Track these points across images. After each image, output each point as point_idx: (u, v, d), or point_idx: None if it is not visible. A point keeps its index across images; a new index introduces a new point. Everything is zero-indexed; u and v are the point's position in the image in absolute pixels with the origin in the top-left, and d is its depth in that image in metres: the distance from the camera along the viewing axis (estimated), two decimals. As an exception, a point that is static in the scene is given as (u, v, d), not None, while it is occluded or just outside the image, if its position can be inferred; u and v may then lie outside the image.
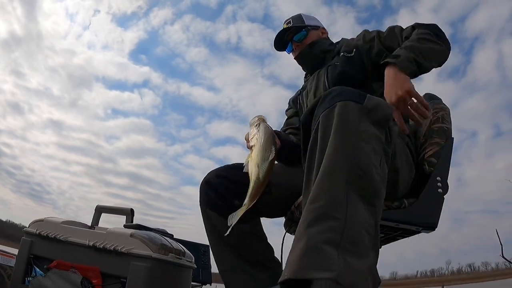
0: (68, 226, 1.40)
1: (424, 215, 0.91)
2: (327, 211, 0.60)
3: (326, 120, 0.68)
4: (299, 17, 1.39)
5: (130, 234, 1.27)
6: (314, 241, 0.57)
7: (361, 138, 0.66)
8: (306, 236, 0.58)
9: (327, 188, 0.62)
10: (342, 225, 0.59)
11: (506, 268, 4.89)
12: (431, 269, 56.32)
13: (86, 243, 1.31)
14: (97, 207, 1.53)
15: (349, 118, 0.67)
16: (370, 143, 0.67)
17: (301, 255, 0.57)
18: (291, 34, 1.36)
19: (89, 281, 1.25)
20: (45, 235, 1.39)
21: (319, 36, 1.38)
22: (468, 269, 51.19)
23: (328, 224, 0.58)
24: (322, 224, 0.58)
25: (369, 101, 0.70)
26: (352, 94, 0.71)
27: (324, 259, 0.56)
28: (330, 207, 0.60)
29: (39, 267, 1.35)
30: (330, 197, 0.61)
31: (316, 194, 0.62)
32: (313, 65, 1.35)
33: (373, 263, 0.61)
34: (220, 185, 1.09)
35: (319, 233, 0.58)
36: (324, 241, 0.57)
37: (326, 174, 0.63)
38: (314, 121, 0.72)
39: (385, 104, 0.74)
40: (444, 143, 1.01)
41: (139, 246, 1.25)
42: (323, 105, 0.71)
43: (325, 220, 0.59)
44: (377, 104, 0.71)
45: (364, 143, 0.66)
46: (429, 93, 1.24)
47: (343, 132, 0.66)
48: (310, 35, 1.35)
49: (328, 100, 0.70)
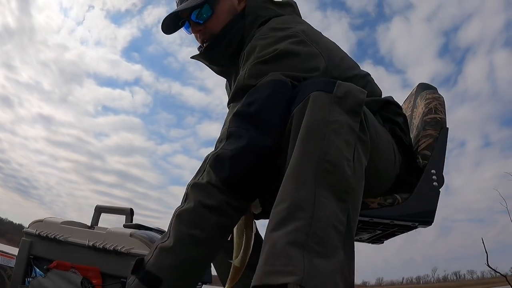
0: (68, 226, 1.40)
1: (420, 210, 0.90)
2: (291, 212, 0.56)
3: (300, 115, 0.63)
4: None
5: (129, 234, 1.28)
6: (277, 244, 0.54)
7: (331, 130, 0.61)
8: (270, 240, 0.55)
9: (293, 188, 0.58)
10: (308, 225, 0.55)
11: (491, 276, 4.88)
12: (417, 276, 56.36)
13: (86, 243, 1.31)
14: (97, 207, 1.53)
15: (318, 110, 0.62)
16: (341, 134, 0.62)
17: (265, 260, 0.55)
18: (186, 12, 0.93)
19: (89, 281, 1.26)
20: (44, 236, 1.39)
21: (233, 7, 0.94)
22: (454, 277, 51.36)
23: (293, 225, 0.55)
24: (287, 226, 0.55)
25: (339, 88, 0.65)
26: (322, 82, 0.66)
27: (287, 263, 0.53)
28: (295, 208, 0.57)
29: (39, 268, 1.36)
30: (295, 197, 0.57)
31: (281, 197, 0.59)
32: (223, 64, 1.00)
33: (344, 262, 0.57)
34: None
35: (283, 236, 0.55)
36: (287, 243, 0.54)
37: (292, 173, 0.59)
38: (289, 119, 0.66)
39: (356, 89, 0.68)
40: (437, 134, 0.99)
41: (139, 246, 1.25)
42: (297, 100, 0.66)
43: (289, 221, 0.56)
44: (347, 91, 0.66)
45: (334, 135, 0.61)
46: (423, 83, 1.22)
47: (312, 126, 0.62)
48: (218, 9, 0.92)
49: (301, 93, 0.66)
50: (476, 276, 46.65)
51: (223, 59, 0.96)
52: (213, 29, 0.93)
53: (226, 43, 0.92)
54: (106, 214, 1.53)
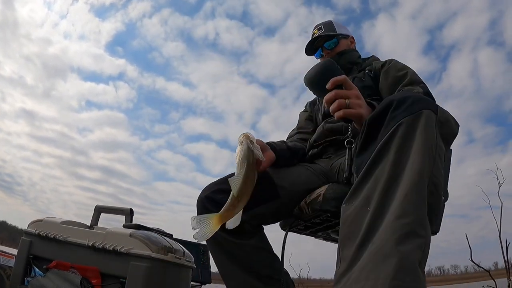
0: (67, 226, 1.40)
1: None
2: (416, 228, 0.57)
3: (410, 127, 0.63)
4: (330, 24, 1.42)
5: (129, 234, 1.27)
6: (407, 261, 0.55)
7: (436, 153, 0.64)
8: (398, 255, 0.55)
9: (416, 204, 0.59)
10: (424, 244, 0.58)
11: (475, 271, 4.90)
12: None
13: (86, 243, 1.31)
14: (97, 207, 1.52)
15: (433, 131, 0.64)
16: (441, 160, 0.65)
17: (394, 275, 0.54)
18: (322, 40, 1.40)
19: (88, 281, 1.25)
20: (44, 235, 1.39)
21: (348, 45, 1.42)
22: (438, 271, 51.68)
23: (418, 241, 0.57)
24: (412, 243, 0.56)
25: (442, 113, 0.67)
26: (432, 103, 0.67)
27: (416, 280, 0.55)
28: (419, 225, 0.58)
29: (38, 267, 1.35)
30: (417, 214, 0.59)
31: (403, 208, 0.58)
32: None
33: None
34: (223, 200, 0.96)
35: (411, 252, 0.56)
36: (415, 260, 0.56)
37: (415, 187, 0.60)
38: (389, 122, 0.66)
39: (453, 119, 0.71)
40: None
41: (138, 246, 1.25)
42: (405, 109, 0.65)
43: (414, 238, 0.57)
44: (448, 118, 0.69)
45: (438, 159, 0.64)
46: None
47: (427, 145, 0.63)
48: (341, 43, 1.40)
49: (410, 104, 0.66)
50: (459, 271, 47.26)
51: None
52: (335, 53, 1.39)
53: (341, 61, 1.35)
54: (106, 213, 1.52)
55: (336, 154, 1.16)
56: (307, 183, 1.08)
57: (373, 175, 0.64)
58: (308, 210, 1.03)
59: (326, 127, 1.21)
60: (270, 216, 1.07)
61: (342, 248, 0.65)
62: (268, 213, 1.04)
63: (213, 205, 0.97)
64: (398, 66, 1.20)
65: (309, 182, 1.09)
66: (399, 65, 1.21)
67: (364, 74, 1.28)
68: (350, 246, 0.63)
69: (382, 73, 1.22)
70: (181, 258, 1.33)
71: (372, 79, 1.25)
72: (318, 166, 1.16)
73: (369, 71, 1.28)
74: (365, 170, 0.66)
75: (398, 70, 1.19)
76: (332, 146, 1.19)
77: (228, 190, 0.97)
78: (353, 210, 0.65)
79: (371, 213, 0.61)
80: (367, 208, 0.62)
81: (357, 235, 0.62)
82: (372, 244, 0.58)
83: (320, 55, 1.42)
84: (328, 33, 1.39)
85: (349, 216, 0.66)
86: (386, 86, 1.18)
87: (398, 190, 0.60)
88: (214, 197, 0.99)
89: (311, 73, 0.85)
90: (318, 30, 1.41)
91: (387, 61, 1.26)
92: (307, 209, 1.03)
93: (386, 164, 0.63)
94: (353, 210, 0.65)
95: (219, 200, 0.96)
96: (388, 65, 1.23)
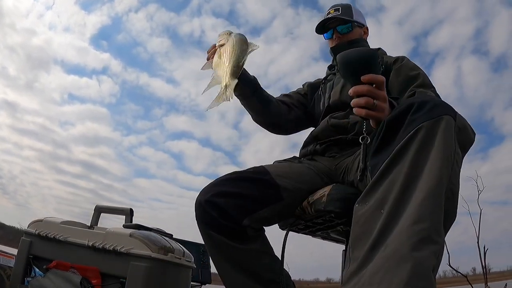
0: (67, 226, 1.40)
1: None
2: (431, 234, 0.58)
3: (430, 132, 0.63)
4: (348, 8, 1.35)
5: (129, 234, 1.27)
6: (422, 267, 0.56)
7: (455, 160, 0.64)
8: (413, 260, 0.55)
9: (432, 210, 0.59)
10: (439, 251, 0.59)
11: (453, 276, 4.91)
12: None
13: (86, 243, 1.31)
14: (96, 207, 1.53)
15: (452, 137, 0.64)
16: (459, 166, 0.66)
17: (407, 280, 0.55)
18: (335, 22, 1.33)
19: (88, 281, 1.25)
20: (44, 235, 1.39)
21: (361, 35, 1.37)
22: None
23: (433, 248, 0.57)
24: (427, 249, 0.57)
25: (460, 120, 0.67)
26: (451, 108, 0.67)
27: (428, 286, 0.55)
28: (435, 231, 0.58)
29: (38, 267, 1.36)
30: (434, 220, 0.59)
31: (419, 214, 0.58)
32: None
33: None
34: (225, 204, 0.96)
35: (426, 259, 0.56)
36: (429, 266, 0.56)
37: (432, 192, 0.59)
38: (408, 125, 0.66)
39: (470, 127, 0.71)
40: None
41: (138, 246, 1.25)
42: (425, 113, 0.65)
43: (429, 244, 0.57)
44: (465, 125, 0.68)
45: (456, 165, 0.65)
46: None
47: (446, 151, 0.63)
48: (354, 31, 1.33)
49: (430, 108, 0.65)
50: (437, 276, 47.29)
51: None
52: (346, 39, 1.33)
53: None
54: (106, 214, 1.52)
55: (341, 153, 1.13)
56: (311, 184, 1.06)
57: (389, 176, 0.64)
58: (311, 210, 1.01)
59: (331, 122, 1.18)
60: (272, 219, 1.06)
61: (353, 249, 0.65)
62: (271, 216, 1.02)
63: (215, 210, 0.94)
64: (410, 65, 1.19)
65: (313, 182, 1.07)
66: (411, 64, 1.20)
67: None
68: (361, 247, 0.62)
69: (394, 70, 1.19)
70: (181, 258, 1.33)
71: (382, 73, 1.23)
72: (320, 165, 1.14)
73: (381, 65, 1.25)
74: (381, 171, 0.65)
75: (410, 69, 1.17)
76: (336, 145, 1.16)
77: (230, 193, 0.97)
78: (366, 210, 0.65)
79: (385, 215, 0.61)
80: (380, 210, 0.62)
81: (369, 236, 0.62)
82: (386, 247, 0.58)
83: (330, 36, 1.35)
84: (344, 17, 1.32)
85: (361, 217, 0.65)
86: (397, 83, 1.16)
87: (415, 194, 0.60)
88: (216, 201, 0.95)
89: (353, 55, 0.80)
90: (334, 11, 1.34)
91: (400, 58, 1.23)
92: (310, 209, 1.02)
93: (403, 167, 0.63)
94: (367, 211, 0.65)
95: (223, 205, 0.94)
96: (400, 62, 1.20)
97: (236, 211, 0.95)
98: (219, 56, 1.02)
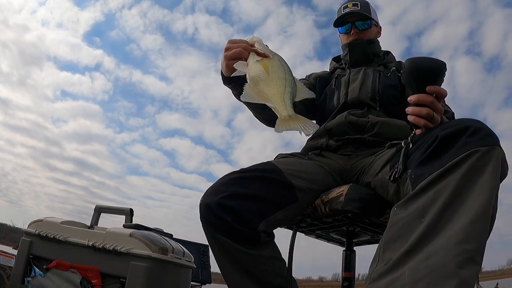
0: (67, 226, 1.40)
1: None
2: (475, 256, 0.60)
3: (484, 158, 0.65)
4: (367, 5, 1.31)
5: (129, 234, 1.27)
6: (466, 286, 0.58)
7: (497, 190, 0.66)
8: (459, 277, 0.58)
9: (480, 232, 0.61)
10: (477, 273, 0.61)
11: None
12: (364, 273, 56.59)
13: (86, 243, 1.31)
14: (96, 207, 1.53)
15: (499, 168, 0.66)
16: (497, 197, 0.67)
17: None
18: (355, 17, 1.29)
19: (88, 281, 1.26)
20: (44, 235, 1.39)
21: (376, 34, 1.34)
22: None
23: (474, 270, 0.59)
24: (471, 269, 0.59)
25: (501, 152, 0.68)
26: (498, 139, 0.69)
27: None
28: (479, 253, 0.60)
29: (38, 267, 1.36)
30: (480, 243, 0.61)
31: (468, 235, 0.60)
32: (359, 60, 1.31)
33: None
34: (240, 207, 0.88)
35: (470, 278, 0.59)
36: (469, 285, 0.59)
37: (480, 217, 0.62)
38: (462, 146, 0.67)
39: (505, 159, 0.72)
40: None
41: (138, 246, 1.25)
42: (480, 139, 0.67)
43: (473, 265, 0.59)
44: (505, 158, 0.69)
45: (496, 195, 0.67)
46: None
47: (496, 179, 0.65)
48: (372, 29, 1.31)
49: (485, 135, 0.68)
50: None
51: (359, 55, 1.32)
52: (365, 37, 1.31)
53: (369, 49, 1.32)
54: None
55: (357, 153, 1.09)
56: (322, 183, 1.02)
57: (434, 188, 0.65)
58: (325, 209, 0.98)
59: (349, 119, 1.13)
60: (285, 221, 1.01)
61: (384, 249, 0.66)
62: (285, 218, 0.97)
63: (229, 214, 0.86)
64: None
65: (325, 182, 1.03)
66: None
67: (390, 71, 1.24)
68: (395, 249, 0.64)
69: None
70: (181, 258, 1.33)
71: (398, 79, 1.21)
72: (332, 162, 1.09)
73: (396, 70, 1.24)
74: (428, 182, 0.67)
75: None
76: (352, 143, 1.11)
77: (245, 194, 0.90)
78: (406, 215, 0.66)
79: (426, 225, 0.63)
80: (421, 219, 0.64)
81: (405, 241, 0.63)
82: (429, 257, 0.60)
83: (347, 31, 1.31)
84: (364, 12, 1.28)
85: (400, 221, 0.67)
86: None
87: (461, 213, 0.62)
88: (230, 205, 0.87)
89: (426, 63, 0.80)
90: (353, 5, 1.29)
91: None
92: (324, 208, 0.98)
93: (451, 183, 0.64)
94: (406, 216, 0.66)
95: (238, 209, 0.87)
96: None
97: (252, 215, 0.88)
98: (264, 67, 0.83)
